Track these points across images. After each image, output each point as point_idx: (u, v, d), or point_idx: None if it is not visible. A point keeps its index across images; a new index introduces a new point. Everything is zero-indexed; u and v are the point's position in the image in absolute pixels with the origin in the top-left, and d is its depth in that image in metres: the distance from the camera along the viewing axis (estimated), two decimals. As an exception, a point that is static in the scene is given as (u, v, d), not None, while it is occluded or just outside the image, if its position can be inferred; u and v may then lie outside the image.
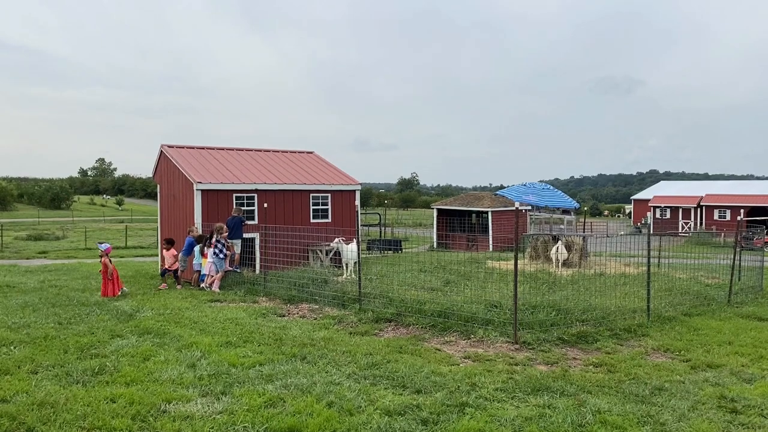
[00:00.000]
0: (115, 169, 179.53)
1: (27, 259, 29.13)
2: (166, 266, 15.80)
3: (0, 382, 6.64)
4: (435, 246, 34.87)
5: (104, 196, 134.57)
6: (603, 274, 16.47)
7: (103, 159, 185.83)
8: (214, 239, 15.08)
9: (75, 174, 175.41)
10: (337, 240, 16.73)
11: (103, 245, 13.57)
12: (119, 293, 13.47)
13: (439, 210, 37.45)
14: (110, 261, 13.41)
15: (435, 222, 37.56)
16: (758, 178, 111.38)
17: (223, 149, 21.38)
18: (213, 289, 14.82)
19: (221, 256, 15.06)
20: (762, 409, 6.53)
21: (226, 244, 15.31)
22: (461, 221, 35.12)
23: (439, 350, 8.92)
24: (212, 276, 15.13)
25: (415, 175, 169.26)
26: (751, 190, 56.86)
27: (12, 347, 8.32)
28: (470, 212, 35.97)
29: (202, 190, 17.47)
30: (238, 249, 16.30)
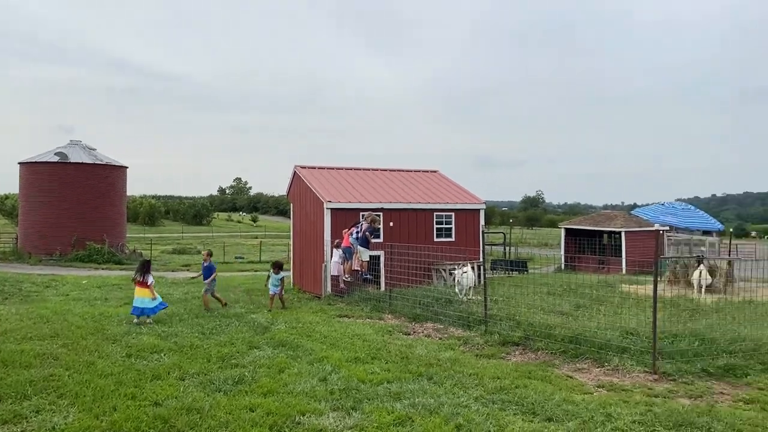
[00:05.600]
0: (250, 188, 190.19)
1: (172, 271, 31.49)
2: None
3: (153, 387, 7.24)
4: (562, 267, 33.68)
5: (240, 213, 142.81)
6: (752, 302, 15.08)
7: (239, 178, 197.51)
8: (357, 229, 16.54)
9: (215, 192, 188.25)
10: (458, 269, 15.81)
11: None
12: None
13: (567, 230, 36.22)
14: None
15: (563, 242, 36.33)
16: None
17: (351, 169, 22.06)
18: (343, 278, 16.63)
19: (358, 241, 16.29)
20: None
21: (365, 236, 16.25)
22: (591, 242, 33.71)
23: (571, 377, 8.59)
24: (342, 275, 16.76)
25: (540, 192, 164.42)
26: None
27: (162, 354, 9.04)
28: (601, 232, 34.45)
29: (332, 209, 18.11)
30: (365, 257, 16.41)
